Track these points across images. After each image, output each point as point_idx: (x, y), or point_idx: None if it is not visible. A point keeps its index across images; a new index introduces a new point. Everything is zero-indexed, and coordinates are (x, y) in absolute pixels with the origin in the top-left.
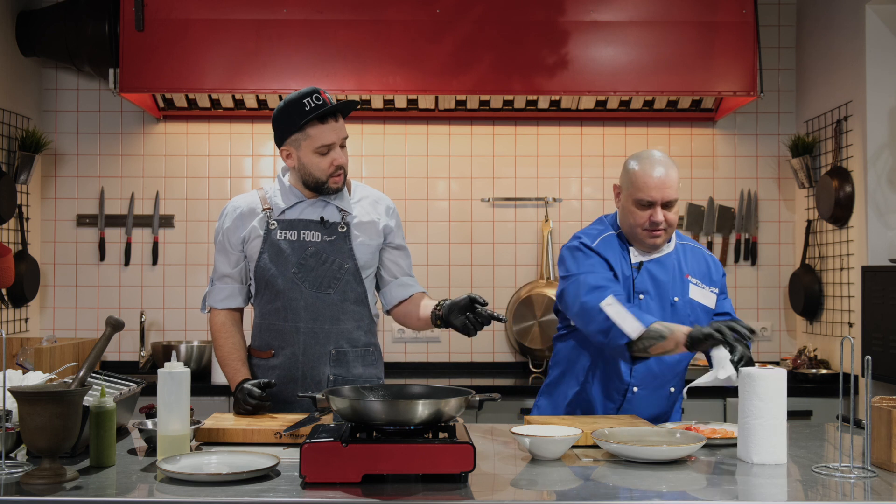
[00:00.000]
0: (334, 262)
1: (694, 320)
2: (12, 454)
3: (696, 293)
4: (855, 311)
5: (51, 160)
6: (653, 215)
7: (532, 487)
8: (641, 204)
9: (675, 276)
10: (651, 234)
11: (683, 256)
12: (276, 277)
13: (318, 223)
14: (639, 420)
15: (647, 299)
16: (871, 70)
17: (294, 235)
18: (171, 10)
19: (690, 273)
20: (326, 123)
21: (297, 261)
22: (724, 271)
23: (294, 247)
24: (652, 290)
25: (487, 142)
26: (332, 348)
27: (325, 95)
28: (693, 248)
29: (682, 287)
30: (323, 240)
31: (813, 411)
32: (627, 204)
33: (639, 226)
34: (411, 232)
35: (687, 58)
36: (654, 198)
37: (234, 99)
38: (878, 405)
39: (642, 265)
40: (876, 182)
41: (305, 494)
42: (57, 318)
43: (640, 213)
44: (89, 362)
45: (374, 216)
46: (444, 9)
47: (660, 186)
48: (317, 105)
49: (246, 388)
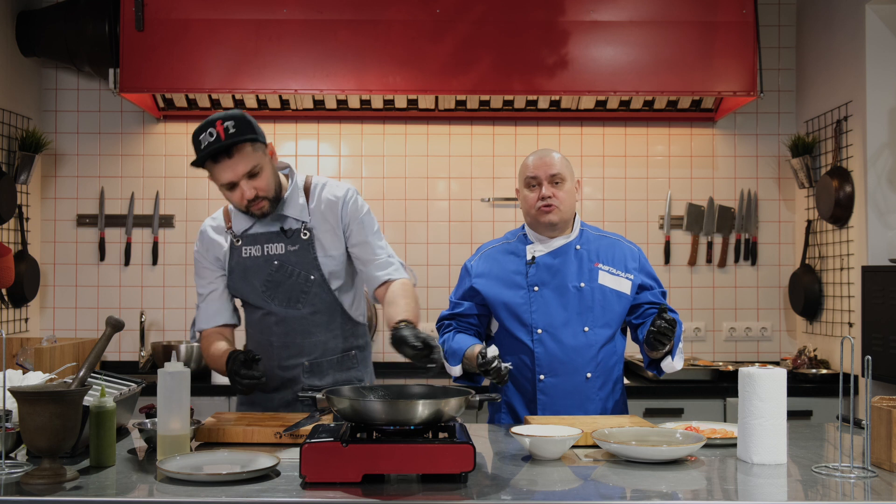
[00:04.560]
0: (300, 275)
1: (604, 305)
2: (12, 454)
3: (607, 279)
4: (855, 311)
5: (51, 160)
6: (541, 193)
7: (532, 487)
8: (530, 185)
9: (581, 264)
10: (543, 212)
11: (596, 246)
12: (246, 295)
13: (279, 233)
14: (639, 420)
15: (543, 290)
16: (871, 70)
17: (258, 250)
18: (171, 10)
19: (601, 261)
20: (220, 163)
21: (265, 277)
22: (647, 265)
23: (259, 263)
24: (549, 281)
25: (487, 142)
26: (305, 360)
27: (221, 128)
28: (610, 239)
29: (590, 273)
30: (287, 250)
31: (813, 411)
32: (522, 190)
33: (532, 207)
34: (411, 232)
35: (687, 58)
36: (538, 174)
37: (234, 99)
38: (878, 405)
39: (535, 259)
40: (876, 182)
41: (305, 494)
42: (57, 318)
43: (530, 195)
44: (89, 362)
45: (332, 222)
46: (444, 9)
47: (540, 165)
48: (208, 143)
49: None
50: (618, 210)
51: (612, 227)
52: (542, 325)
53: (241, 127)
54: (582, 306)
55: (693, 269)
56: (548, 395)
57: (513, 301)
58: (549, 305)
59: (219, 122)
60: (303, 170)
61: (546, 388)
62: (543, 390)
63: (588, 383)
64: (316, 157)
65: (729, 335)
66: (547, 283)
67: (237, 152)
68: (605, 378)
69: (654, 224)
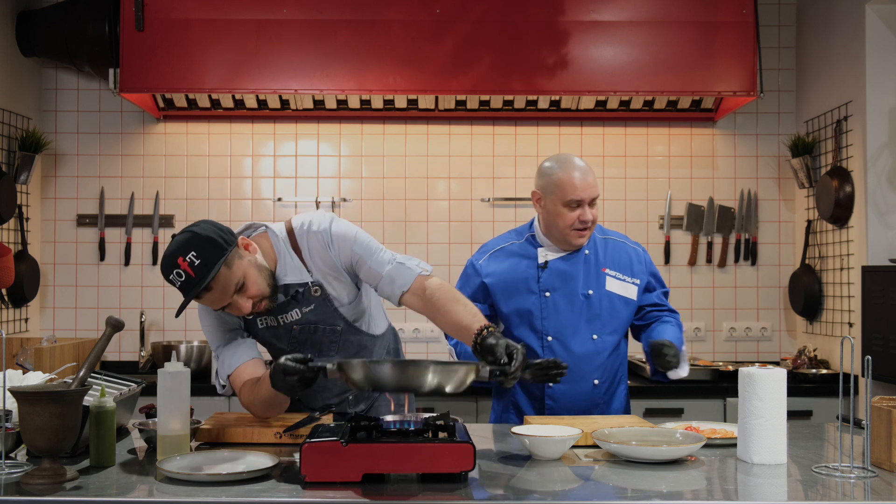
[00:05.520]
0: (325, 330)
1: (612, 312)
2: (12, 454)
3: (614, 285)
4: (855, 311)
5: (51, 160)
6: (582, 215)
7: (532, 487)
8: (571, 205)
9: (588, 270)
10: (580, 234)
11: (603, 249)
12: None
13: (288, 302)
14: (639, 420)
15: (555, 296)
16: (871, 70)
17: (273, 321)
18: (171, 10)
19: (608, 266)
20: (203, 298)
21: (288, 340)
22: (652, 266)
23: (279, 332)
24: (560, 286)
25: (487, 142)
26: (349, 395)
27: (185, 264)
28: (616, 241)
29: (598, 280)
30: (303, 313)
31: (813, 411)
32: (556, 207)
33: (568, 226)
34: (411, 232)
35: (687, 58)
36: (583, 198)
37: (234, 99)
38: (878, 405)
39: (547, 264)
40: (876, 182)
41: (305, 494)
42: (57, 318)
43: (570, 214)
44: (89, 362)
45: (333, 272)
46: (444, 9)
47: (586, 187)
48: (181, 285)
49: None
50: (618, 210)
51: (613, 227)
52: (552, 331)
53: (205, 253)
54: (590, 313)
55: (693, 269)
56: (556, 401)
57: (524, 306)
58: (560, 312)
59: (180, 258)
60: (303, 170)
61: (555, 394)
62: (552, 396)
63: (595, 389)
64: (316, 157)
65: (729, 335)
66: (558, 288)
67: (214, 283)
68: (610, 382)
69: (654, 224)
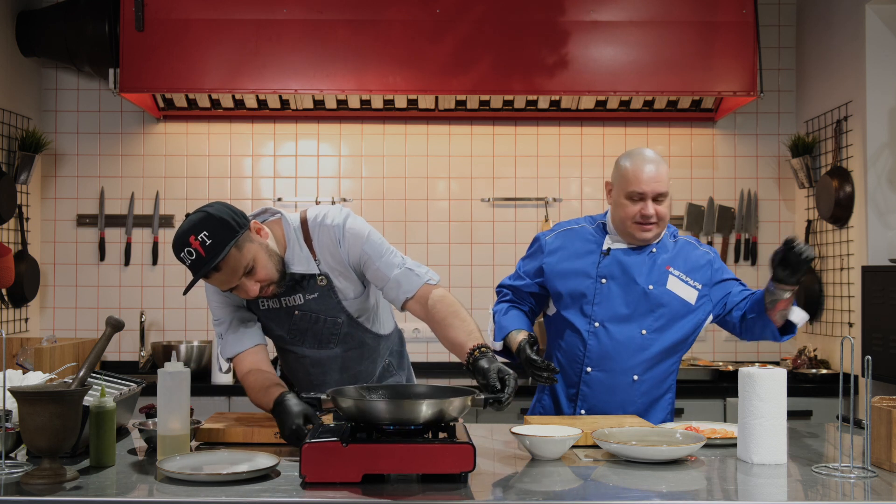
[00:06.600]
0: (326, 321)
1: (668, 311)
2: (12, 454)
3: (676, 285)
4: (855, 311)
5: (51, 160)
6: (643, 209)
7: (532, 487)
8: (632, 198)
9: (653, 266)
10: (642, 228)
11: (674, 249)
12: (273, 339)
13: (293, 286)
14: (639, 420)
15: (610, 284)
16: (871, 70)
17: (276, 303)
18: (171, 10)
19: (674, 265)
20: (211, 278)
21: (289, 326)
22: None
23: (280, 315)
24: (618, 276)
25: (487, 142)
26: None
27: (197, 243)
28: (689, 243)
29: (660, 276)
30: (306, 299)
31: (813, 411)
32: (619, 198)
33: (629, 218)
34: (411, 232)
35: (687, 58)
36: (645, 191)
37: (234, 99)
38: (878, 405)
39: (610, 251)
40: (876, 182)
41: (305, 494)
42: (57, 318)
43: (631, 207)
44: (89, 362)
45: (340, 268)
46: (444, 9)
47: (649, 180)
48: (191, 263)
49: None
50: None
51: None
52: (601, 318)
53: (216, 234)
54: (645, 308)
55: None
56: (592, 388)
57: (577, 289)
58: (613, 300)
59: (192, 237)
60: (303, 170)
61: (591, 381)
62: (588, 383)
63: (633, 386)
64: (316, 157)
65: (729, 335)
66: (616, 277)
67: (224, 264)
68: (652, 385)
69: None
